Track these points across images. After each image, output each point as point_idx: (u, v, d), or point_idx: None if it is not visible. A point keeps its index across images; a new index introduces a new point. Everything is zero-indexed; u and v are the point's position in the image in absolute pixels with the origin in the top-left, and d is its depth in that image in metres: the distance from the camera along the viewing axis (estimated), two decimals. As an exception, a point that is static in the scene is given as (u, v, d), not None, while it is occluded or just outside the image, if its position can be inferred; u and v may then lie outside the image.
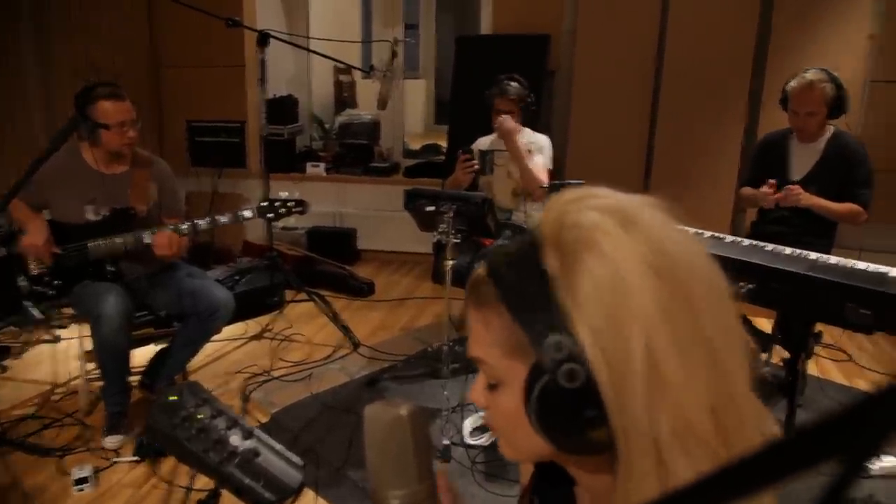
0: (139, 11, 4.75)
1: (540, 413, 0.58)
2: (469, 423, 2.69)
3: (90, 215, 2.67)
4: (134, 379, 2.84)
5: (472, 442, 2.61)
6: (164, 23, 4.87)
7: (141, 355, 2.99)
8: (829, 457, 0.20)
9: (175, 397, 1.15)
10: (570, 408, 0.57)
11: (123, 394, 2.71)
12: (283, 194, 2.94)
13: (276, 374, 3.22)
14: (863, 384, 3.21)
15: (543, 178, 3.18)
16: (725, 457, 0.56)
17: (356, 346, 3.51)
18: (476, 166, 3.19)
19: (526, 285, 0.59)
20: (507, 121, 3.14)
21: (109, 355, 2.59)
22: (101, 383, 2.73)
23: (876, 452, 0.20)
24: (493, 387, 0.64)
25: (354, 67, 5.15)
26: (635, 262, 0.57)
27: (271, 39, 3.76)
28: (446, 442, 2.56)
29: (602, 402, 0.55)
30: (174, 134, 4.96)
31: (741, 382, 0.59)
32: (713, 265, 0.61)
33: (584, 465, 0.66)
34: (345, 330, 3.60)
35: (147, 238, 2.61)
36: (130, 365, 2.75)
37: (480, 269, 0.64)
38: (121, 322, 2.52)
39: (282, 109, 4.99)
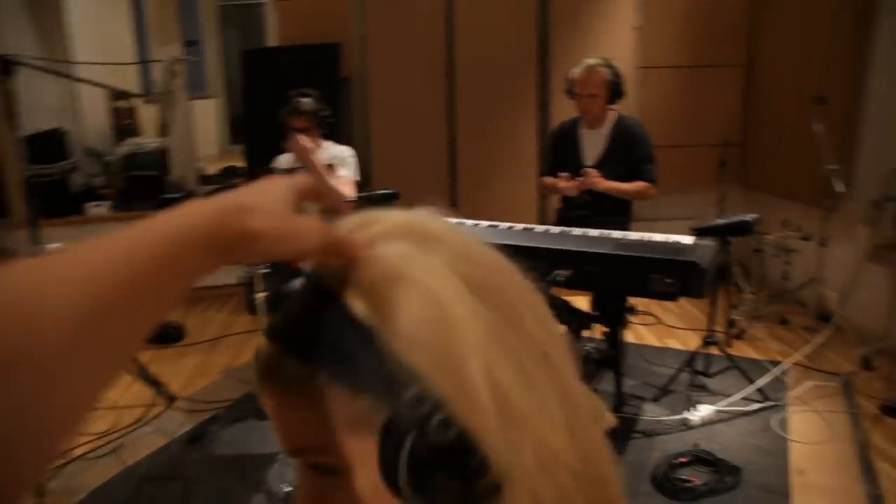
0: None
1: (415, 475, 0.46)
2: (307, 463, 2.50)
3: None
4: None
5: (313, 483, 2.42)
6: None
7: None
8: None
9: None
10: (452, 461, 0.46)
11: None
12: (54, 245, 2.56)
13: (77, 452, 2.78)
14: (674, 343, 3.51)
15: (349, 191, 3.05)
16: (582, 470, 0.51)
17: (171, 400, 3.15)
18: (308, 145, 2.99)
19: (344, 344, 0.48)
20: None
21: None
22: None
23: None
24: (329, 476, 0.52)
25: (128, 93, 4.67)
26: (449, 284, 0.49)
27: (20, 66, 3.25)
28: (287, 488, 2.35)
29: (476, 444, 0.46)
30: None
31: (575, 380, 0.54)
32: (508, 261, 0.55)
33: None
34: (155, 385, 3.21)
35: None
36: None
37: (268, 348, 0.51)
38: None
39: (47, 145, 4.40)
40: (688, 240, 2.44)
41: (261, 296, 2.54)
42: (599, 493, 0.52)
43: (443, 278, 0.49)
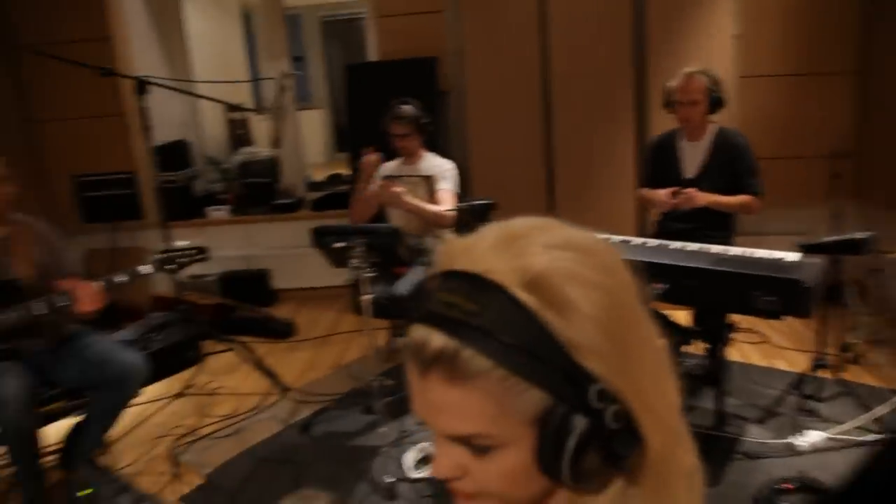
0: (1, 66, 4.46)
1: (578, 459, 0.56)
2: (410, 457, 2.66)
3: None
4: (52, 458, 2.63)
5: (416, 475, 2.58)
6: (34, 76, 4.59)
7: (57, 433, 2.78)
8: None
9: (90, 490, 1.08)
10: (613, 445, 0.56)
11: (37, 478, 2.51)
12: (181, 243, 2.83)
13: (204, 432, 3.07)
14: (781, 364, 3.38)
15: (449, 205, 3.20)
16: (687, 450, 0.64)
17: (285, 391, 3.41)
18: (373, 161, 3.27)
19: (520, 339, 0.54)
20: (386, 187, 3.13)
21: (16, 441, 2.40)
22: (12, 469, 2.52)
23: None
24: (479, 453, 0.59)
25: (242, 109, 5.02)
26: (613, 282, 0.59)
27: (153, 86, 3.63)
28: (390, 479, 2.52)
29: (637, 425, 0.57)
30: (61, 191, 4.67)
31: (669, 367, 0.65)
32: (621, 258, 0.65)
33: (554, 497, 0.65)
34: (271, 376, 3.49)
35: (63, 300, 2.44)
36: (43, 445, 2.55)
37: (440, 339, 0.56)
38: (23, 404, 2.34)
39: (173, 155, 4.81)
40: (793, 257, 2.39)
41: (367, 298, 2.71)
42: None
43: (604, 277, 0.58)
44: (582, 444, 0.55)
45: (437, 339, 0.56)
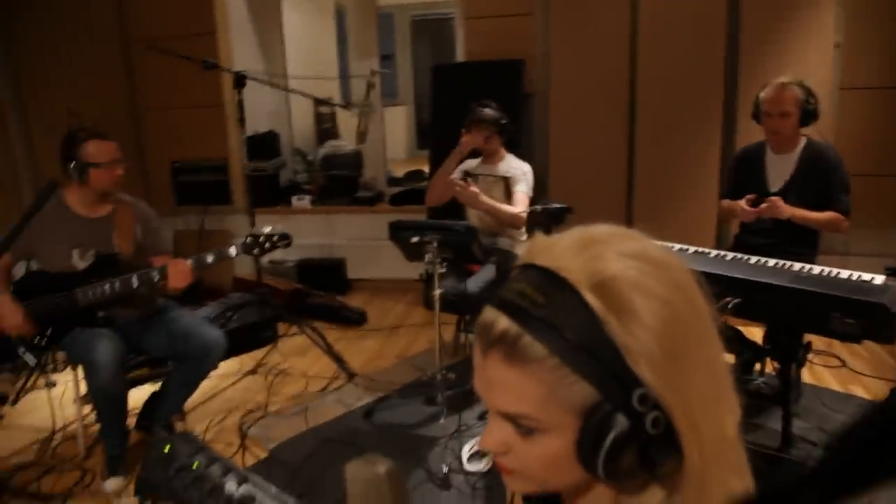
0: (115, 58, 4.80)
1: (612, 457, 0.59)
2: (467, 449, 2.69)
3: (76, 260, 2.69)
4: (131, 420, 2.83)
5: (471, 468, 2.61)
6: (141, 67, 4.91)
7: (137, 396, 2.98)
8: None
9: (168, 448, 1.16)
10: (649, 450, 0.59)
11: (122, 437, 2.71)
12: (266, 229, 2.95)
13: (272, 409, 3.21)
14: (858, 390, 3.21)
15: (522, 208, 3.22)
16: (739, 460, 0.65)
17: (351, 376, 3.52)
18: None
19: (579, 335, 0.58)
20: (466, 187, 3.17)
21: (105, 402, 2.59)
22: (98, 427, 2.72)
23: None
24: (524, 434, 0.63)
25: (332, 104, 5.21)
26: (679, 298, 0.60)
27: (249, 80, 3.82)
28: (445, 469, 2.56)
29: (677, 436, 0.59)
30: (158, 175, 4.98)
31: (728, 380, 0.66)
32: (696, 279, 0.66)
33: (593, 490, 0.68)
34: (339, 361, 3.60)
35: (157, 276, 2.63)
36: (127, 407, 2.74)
37: (506, 322, 0.61)
38: (114, 368, 2.53)
39: (264, 145, 5.04)
40: (879, 279, 2.28)
41: (437, 293, 2.76)
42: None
43: (671, 292, 0.60)
44: (619, 443, 0.58)
45: (502, 322, 0.61)
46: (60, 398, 3.30)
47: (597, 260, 0.60)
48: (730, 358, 3.03)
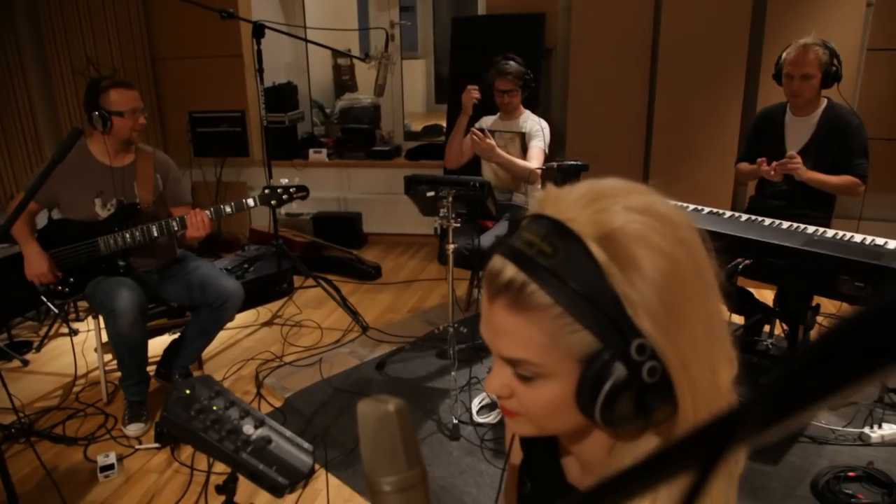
0: (134, 5, 4.77)
1: (609, 404, 0.61)
2: (477, 402, 2.76)
3: (99, 208, 2.74)
4: (151, 368, 2.92)
5: (480, 420, 2.68)
6: (159, 16, 4.88)
7: (156, 345, 3.07)
8: (683, 467, 0.25)
9: (189, 391, 1.22)
10: (645, 397, 0.61)
11: (142, 384, 2.80)
12: (284, 181, 3.01)
13: (287, 359, 3.30)
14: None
15: (536, 164, 3.21)
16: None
17: (365, 329, 3.59)
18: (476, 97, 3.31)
19: (585, 286, 0.60)
20: (482, 143, 3.13)
21: (126, 349, 2.67)
22: (119, 374, 2.82)
23: (717, 465, 0.24)
24: (526, 379, 0.66)
25: (351, 56, 5.16)
26: (682, 254, 0.62)
27: (267, 30, 3.79)
28: (455, 421, 2.63)
29: (672, 386, 0.61)
30: (176, 126, 5.00)
31: (726, 331, 0.68)
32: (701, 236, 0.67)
33: (590, 436, 0.72)
34: (353, 314, 3.67)
35: (177, 225, 2.70)
36: (147, 355, 2.83)
37: (512, 270, 0.62)
38: (135, 316, 2.60)
39: (281, 97, 5.01)
40: (893, 244, 2.27)
41: (451, 247, 2.79)
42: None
43: (674, 247, 0.61)
44: (616, 390, 0.61)
45: (509, 270, 0.63)
46: (83, 345, 3.42)
47: (603, 212, 0.61)
48: (739, 319, 3.05)
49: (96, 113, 2.67)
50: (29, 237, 2.70)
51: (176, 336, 3.06)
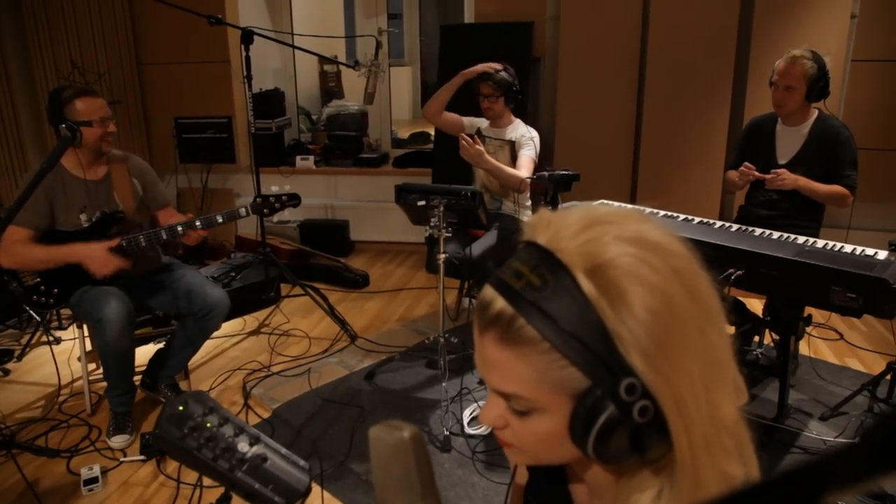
0: (120, 10, 4.72)
1: (601, 442, 0.60)
2: (468, 413, 2.74)
3: (85, 222, 2.68)
4: (136, 378, 2.87)
5: (471, 431, 2.66)
6: (146, 21, 4.83)
7: (141, 354, 3.01)
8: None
9: (182, 407, 1.18)
10: (638, 437, 0.60)
11: (129, 394, 2.75)
12: (275, 189, 2.99)
13: (275, 369, 3.25)
14: (854, 363, 3.26)
15: (525, 173, 3.20)
16: (741, 443, 0.63)
17: (353, 338, 3.55)
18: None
19: (573, 322, 0.58)
20: (470, 148, 3.05)
21: (113, 359, 2.62)
22: (104, 384, 2.76)
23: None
24: (520, 413, 0.64)
25: (340, 63, 5.14)
26: (675, 286, 0.59)
27: (255, 36, 3.76)
28: (446, 433, 2.61)
29: (667, 424, 0.59)
30: (162, 131, 4.95)
31: (731, 364, 0.64)
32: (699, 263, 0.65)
33: (595, 467, 0.70)
34: (341, 323, 3.63)
35: (181, 228, 2.68)
36: (134, 365, 2.77)
37: (501, 303, 0.61)
38: (123, 325, 2.55)
39: (269, 103, 4.98)
40: (882, 254, 2.29)
41: (441, 257, 2.77)
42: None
43: (669, 281, 0.59)
44: (608, 428, 0.59)
45: (498, 303, 0.61)
46: (67, 355, 3.35)
47: (594, 243, 0.59)
48: (729, 329, 3.06)
49: (63, 125, 2.50)
50: (60, 248, 2.57)
51: (161, 345, 3.01)
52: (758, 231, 2.58)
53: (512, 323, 0.60)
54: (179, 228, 2.67)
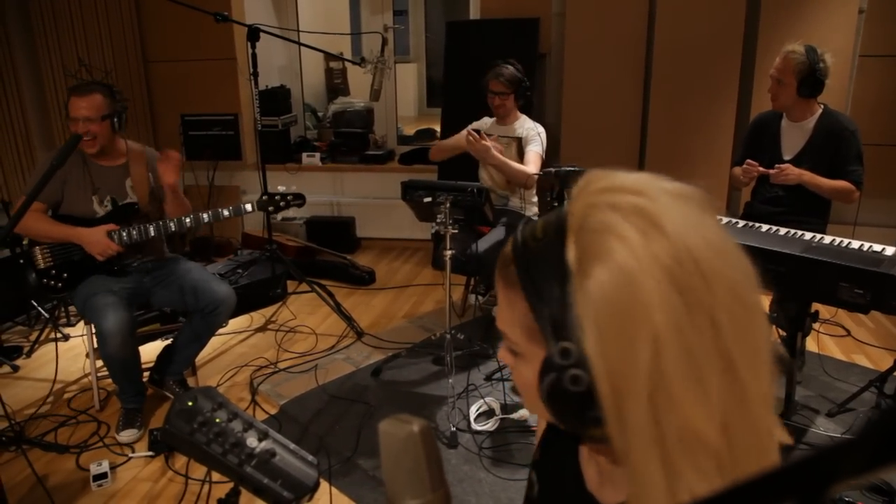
0: (127, 7, 4.73)
1: (548, 401, 0.61)
2: (474, 410, 2.75)
3: (96, 206, 2.73)
4: (144, 374, 2.88)
5: (478, 427, 2.66)
6: (152, 18, 4.84)
7: (148, 350, 3.03)
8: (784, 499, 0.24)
9: (191, 402, 1.19)
10: (574, 406, 0.59)
11: (137, 394, 2.77)
12: (282, 188, 3.04)
13: (282, 365, 3.27)
14: (861, 359, 3.24)
15: (533, 168, 3.20)
16: (734, 474, 0.55)
17: (360, 335, 3.56)
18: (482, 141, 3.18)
19: (544, 280, 0.60)
20: (476, 143, 3.08)
21: (117, 368, 2.65)
22: (111, 380, 2.78)
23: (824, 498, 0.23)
24: (514, 353, 0.68)
25: (346, 60, 5.14)
26: (652, 273, 0.54)
27: (262, 33, 3.77)
28: (453, 429, 2.62)
29: (601, 407, 0.57)
30: (168, 128, 4.96)
31: (759, 399, 0.57)
32: (746, 271, 0.59)
33: (603, 448, 0.70)
34: (348, 319, 3.64)
35: (190, 222, 2.77)
36: (140, 367, 2.79)
37: (509, 248, 0.65)
38: (123, 336, 2.55)
39: (275, 100, 4.98)
40: (890, 250, 2.28)
41: (447, 253, 2.78)
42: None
43: (647, 266, 0.55)
44: (552, 390, 0.59)
45: (508, 247, 0.66)
46: (74, 351, 3.37)
47: (595, 207, 0.58)
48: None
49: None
50: (64, 225, 2.69)
51: (168, 342, 3.02)
52: (764, 227, 2.57)
53: (507, 266, 0.64)
54: (187, 221, 2.76)
